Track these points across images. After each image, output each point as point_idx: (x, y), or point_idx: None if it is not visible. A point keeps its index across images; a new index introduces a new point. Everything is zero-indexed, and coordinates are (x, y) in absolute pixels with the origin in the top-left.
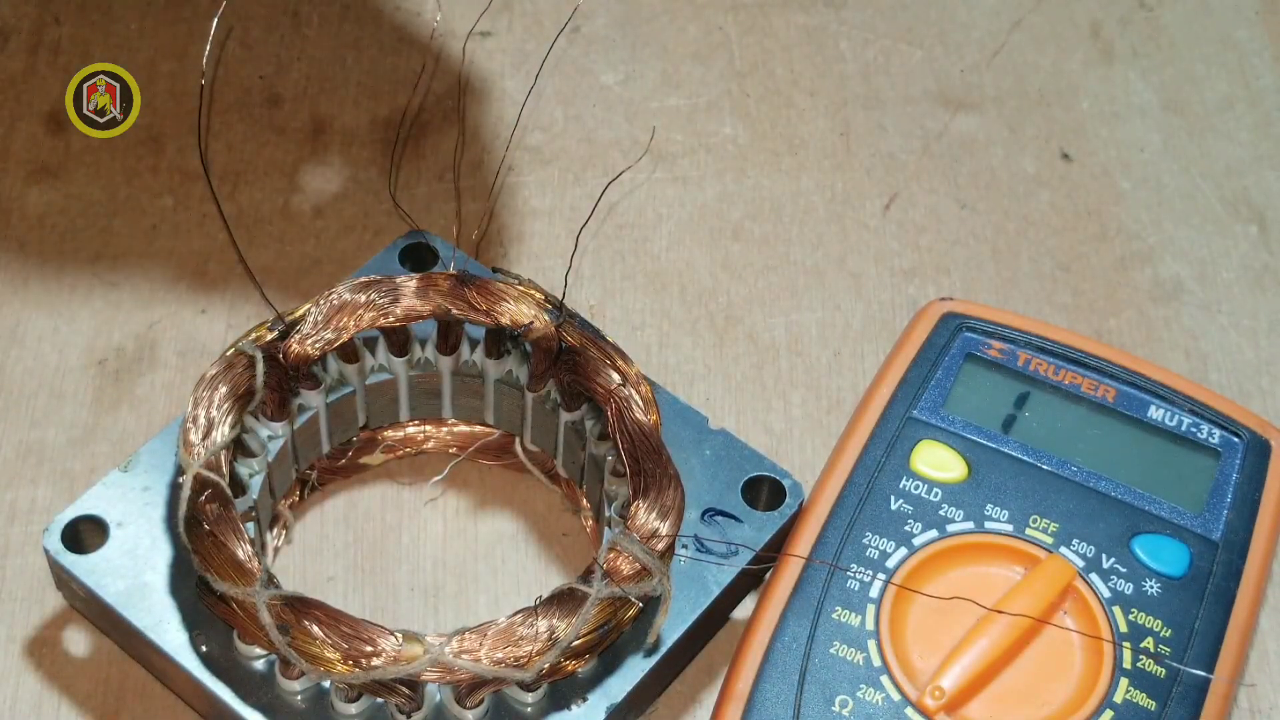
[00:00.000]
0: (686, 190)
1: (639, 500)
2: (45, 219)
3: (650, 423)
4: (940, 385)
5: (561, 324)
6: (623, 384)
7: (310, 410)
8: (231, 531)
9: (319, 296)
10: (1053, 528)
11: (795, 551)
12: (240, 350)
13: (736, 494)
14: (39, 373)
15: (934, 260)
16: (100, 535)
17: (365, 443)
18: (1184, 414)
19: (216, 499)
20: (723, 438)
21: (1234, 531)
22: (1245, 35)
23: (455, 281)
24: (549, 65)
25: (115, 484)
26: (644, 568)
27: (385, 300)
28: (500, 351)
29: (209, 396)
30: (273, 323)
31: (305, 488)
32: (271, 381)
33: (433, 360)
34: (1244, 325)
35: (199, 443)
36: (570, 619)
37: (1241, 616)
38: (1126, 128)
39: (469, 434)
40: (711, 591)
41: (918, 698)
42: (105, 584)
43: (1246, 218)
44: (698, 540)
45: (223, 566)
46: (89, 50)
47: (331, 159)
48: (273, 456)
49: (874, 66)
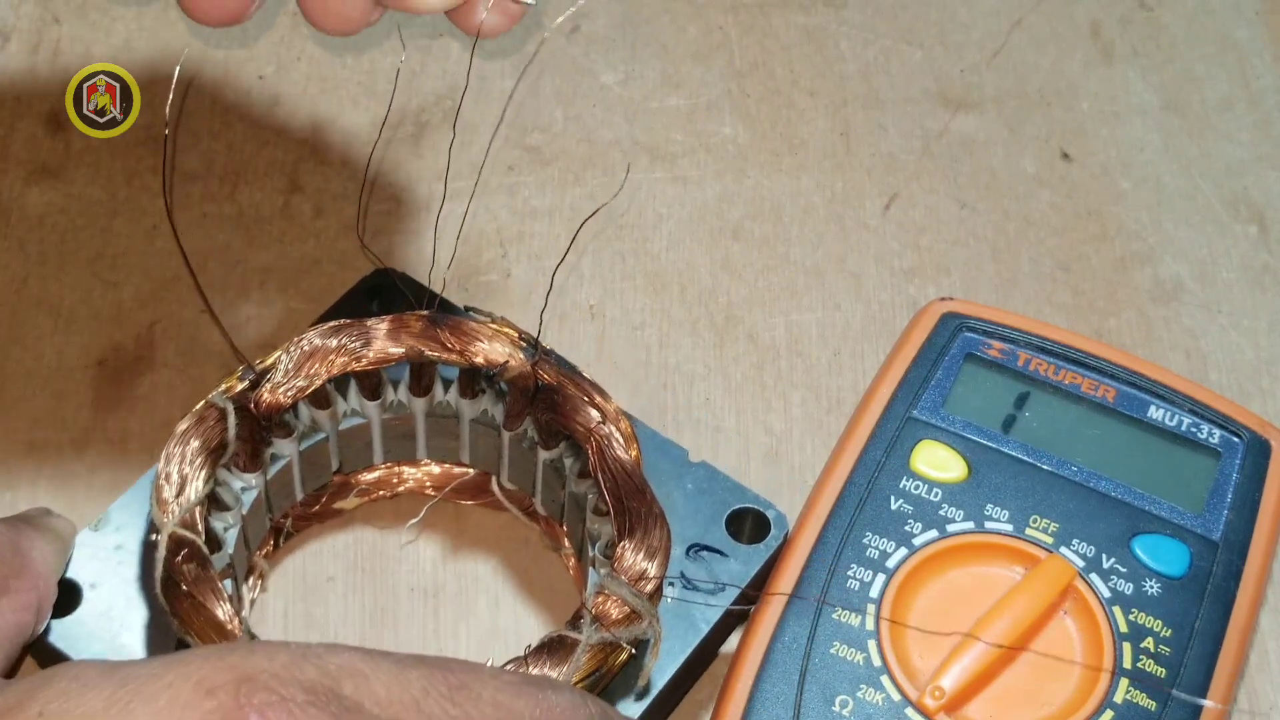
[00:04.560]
0: (686, 190)
1: (625, 541)
2: (45, 219)
3: (632, 460)
4: (940, 385)
5: (537, 362)
6: (602, 421)
7: (283, 459)
8: (210, 591)
9: (288, 343)
10: (1053, 528)
11: (802, 542)
12: (210, 403)
13: (720, 527)
14: (39, 372)
15: (934, 260)
16: (73, 598)
17: (339, 487)
18: (1184, 414)
19: (193, 558)
20: (704, 470)
21: (1234, 531)
22: (1245, 35)
23: (427, 322)
24: (549, 65)
25: (86, 544)
26: (633, 611)
27: (357, 344)
28: (475, 391)
29: (180, 452)
30: (243, 372)
31: (280, 535)
32: (243, 433)
33: (406, 402)
34: (1244, 325)
35: (173, 500)
36: (561, 667)
37: (1241, 617)
38: (1126, 128)
39: (445, 474)
40: (700, 630)
41: (918, 698)
42: (81, 648)
43: (1246, 218)
44: (684, 578)
45: (203, 629)
46: (89, 50)
47: (332, 159)
48: (247, 508)
49: (874, 66)
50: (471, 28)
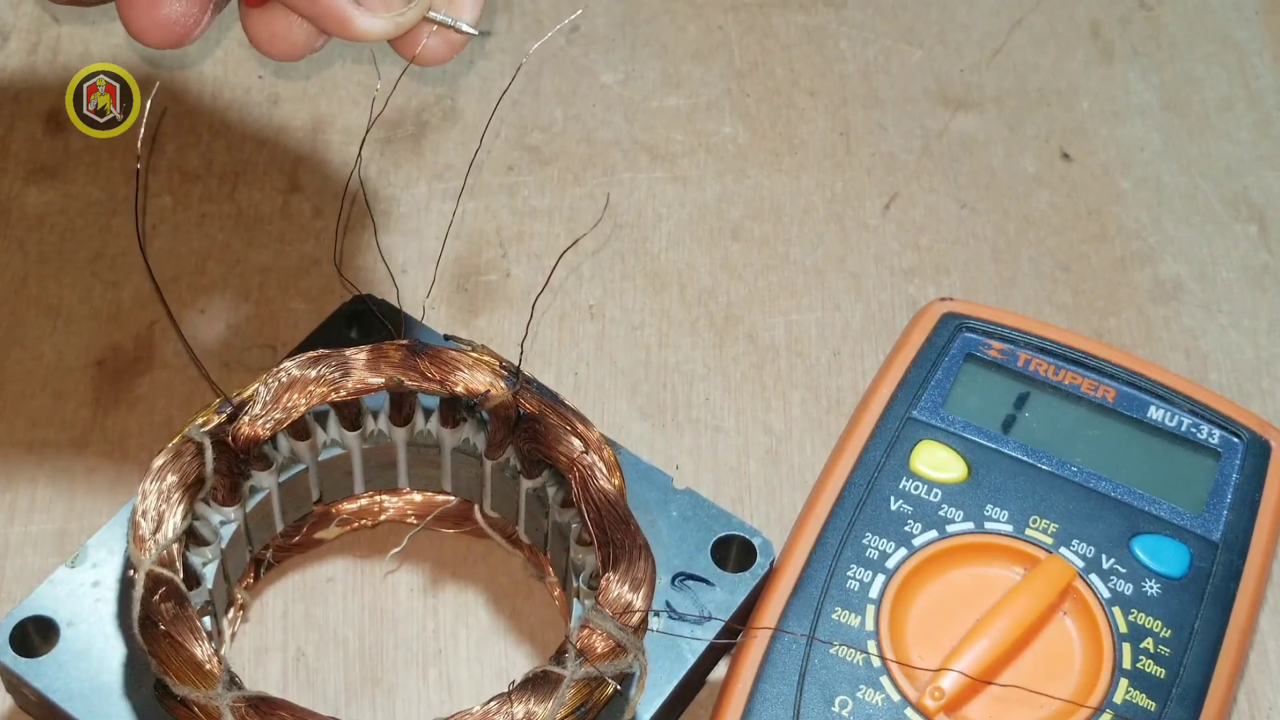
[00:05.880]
0: (686, 190)
1: (609, 573)
2: (45, 219)
3: (615, 490)
4: (940, 385)
5: (518, 391)
6: (585, 450)
7: (262, 491)
8: (189, 631)
9: (266, 375)
10: (1053, 528)
11: (802, 543)
12: (187, 437)
13: (706, 555)
14: (38, 372)
15: (934, 260)
16: (50, 636)
17: (320, 518)
18: (1184, 414)
19: (171, 597)
20: (688, 497)
21: (1234, 532)
22: (1245, 35)
23: (407, 352)
24: (549, 65)
25: (63, 581)
26: (618, 644)
27: (336, 374)
28: (456, 420)
29: (157, 488)
30: (220, 404)
31: (260, 567)
32: (221, 467)
33: (387, 432)
34: (1244, 325)
35: (150, 537)
36: (546, 703)
37: (1241, 617)
38: (1126, 127)
39: (427, 503)
40: (687, 661)
41: (917, 698)
42: (58, 687)
43: (1246, 217)
44: (669, 608)
45: (182, 669)
46: (89, 50)
47: (331, 158)
48: (226, 542)
49: (874, 66)
50: (410, 55)
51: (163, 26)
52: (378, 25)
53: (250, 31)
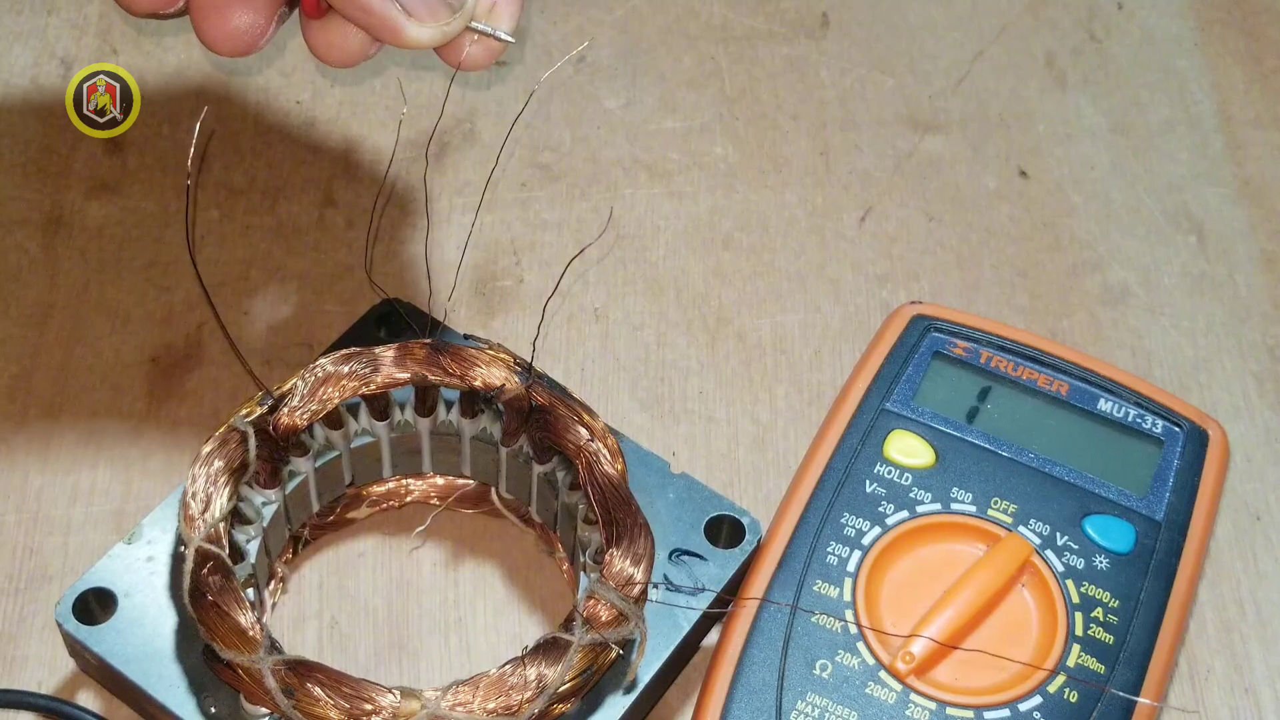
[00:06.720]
0: (682, 204)
1: (613, 549)
2: (104, 230)
3: (618, 474)
4: (910, 380)
5: (531, 385)
6: (590, 439)
7: (300, 475)
8: (234, 601)
9: (304, 370)
10: (1012, 509)
11: (786, 522)
12: (233, 427)
13: (700, 533)
14: (99, 368)
15: (905, 267)
16: (110, 606)
17: (352, 499)
18: (1130, 406)
19: (218, 570)
20: (684, 481)
21: (1175, 512)
22: (1185, 64)
23: (430, 350)
24: (558, 92)
25: (120, 556)
26: (621, 613)
27: (366, 370)
28: (474, 412)
29: (205, 472)
30: (262, 397)
31: (298, 544)
32: (263, 453)
33: (412, 422)
34: (1184, 326)
35: (199, 517)
36: (556, 666)
37: (1182, 589)
38: (1078, 148)
39: (448, 486)
40: (682, 629)
41: (890, 662)
42: (116, 652)
43: (1186, 229)
44: (667, 580)
45: (227, 636)
46: (143, 79)
47: (362, 175)
48: (267, 522)
49: (851, 93)
50: (455, 61)
51: (233, 37)
52: (425, 34)
53: (310, 41)
